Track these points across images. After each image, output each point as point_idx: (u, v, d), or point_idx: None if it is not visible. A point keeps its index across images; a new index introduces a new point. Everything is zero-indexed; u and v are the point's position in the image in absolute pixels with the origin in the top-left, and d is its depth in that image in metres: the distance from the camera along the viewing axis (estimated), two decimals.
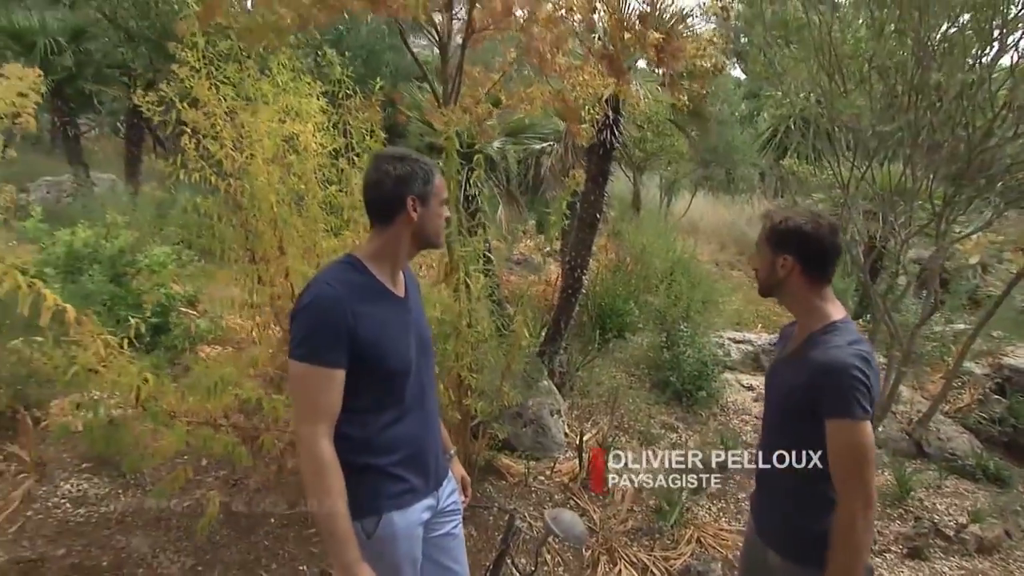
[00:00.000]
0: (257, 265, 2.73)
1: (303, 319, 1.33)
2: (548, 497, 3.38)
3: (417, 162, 1.43)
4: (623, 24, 2.45)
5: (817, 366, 1.34)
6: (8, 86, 2.64)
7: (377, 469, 1.40)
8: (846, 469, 1.31)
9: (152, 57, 7.28)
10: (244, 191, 2.64)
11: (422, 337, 1.53)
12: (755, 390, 5.15)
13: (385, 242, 1.43)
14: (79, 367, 2.06)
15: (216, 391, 2.18)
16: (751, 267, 1.58)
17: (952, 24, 3.76)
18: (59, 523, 2.62)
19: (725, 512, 3.52)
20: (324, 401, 1.31)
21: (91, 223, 4.89)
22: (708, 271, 7.18)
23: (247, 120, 2.62)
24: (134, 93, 2.74)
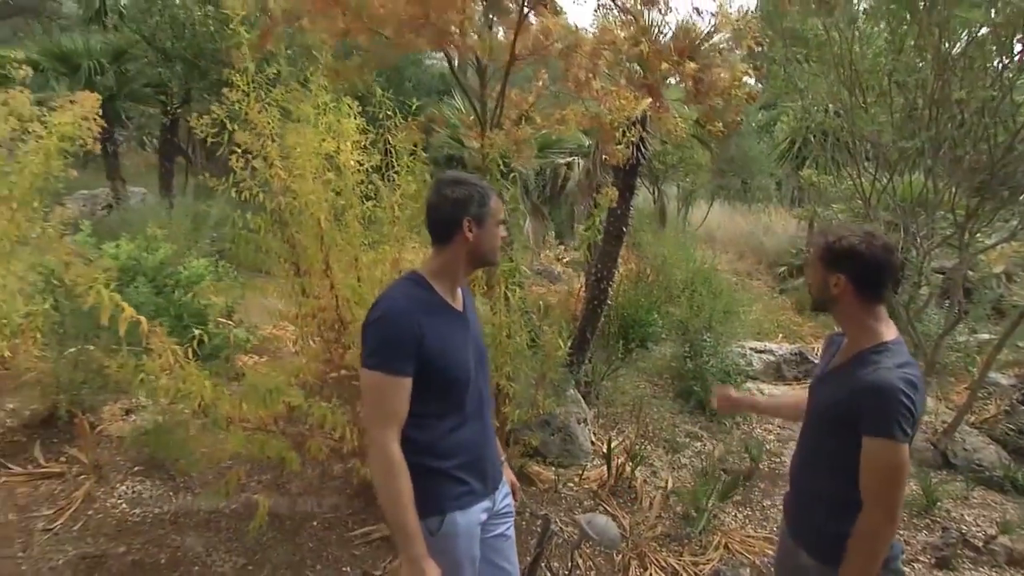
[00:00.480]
0: (302, 278, 2.88)
1: (375, 331, 1.45)
2: (578, 503, 3.47)
3: (474, 185, 1.54)
4: (661, 55, 2.57)
5: (864, 385, 1.38)
6: (76, 112, 2.83)
7: (441, 471, 1.51)
8: (877, 486, 1.36)
9: (185, 75, 7.57)
10: (291, 207, 2.78)
11: (479, 349, 1.64)
12: None
13: (445, 260, 1.55)
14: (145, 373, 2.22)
15: (271, 398, 2.31)
16: (806, 282, 1.62)
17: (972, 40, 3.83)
18: (118, 522, 2.76)
19: (751, 519, 3.57)
20: (393, 407, 1.43)
21: (131, 236, 5.11)
22: (728, 281, 7.21)
23: (295, 140, 2.77)
24: (172, 111, 2.91)
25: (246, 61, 2.79)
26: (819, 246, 1.52)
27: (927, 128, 3.78)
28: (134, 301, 4.26)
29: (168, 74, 7.40)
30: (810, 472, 1.59)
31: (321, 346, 2.89)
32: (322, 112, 2.97)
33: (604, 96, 2.55)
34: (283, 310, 2.93)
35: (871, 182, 4.23)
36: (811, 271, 1.55)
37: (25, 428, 3.33)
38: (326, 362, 2.95)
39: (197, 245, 6.02)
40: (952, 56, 3.75)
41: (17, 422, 3.36)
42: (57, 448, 3.21)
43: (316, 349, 2.89)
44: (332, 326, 2.89)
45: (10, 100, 2.68)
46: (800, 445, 1.66)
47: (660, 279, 6.28)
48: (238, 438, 2.21)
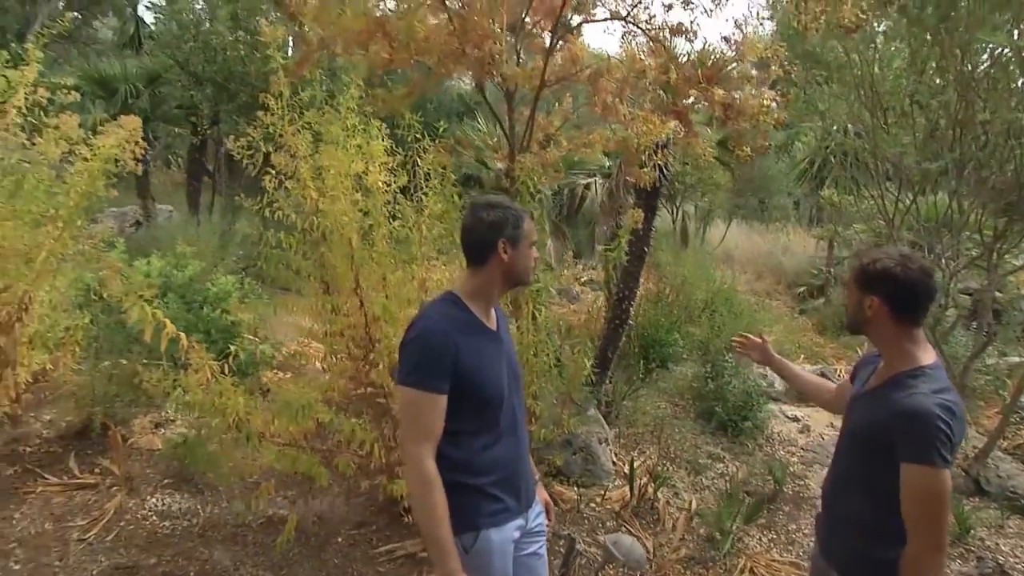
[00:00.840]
0: (331, 296, 2.94)
1: (413, 349, 1.49)
2: (600, 524, 3.45)
3: (508, 208, 1.59)
4: (690, 82, 2.63)
5: (900, 410, 1.37)
6: (120, 134, 2.96)
7: (475, 488, 1.53)
8: (919, 514, 1.34)
9: (215, 97, 7.82)
10: (322, 227, 2.86)
11: (513, 368, 1.67)
12: (800, 422, 5.12)
13: (481, 281, 1.59)
14: (182, 388, 2.28)
15: (303, 415, 2.35)
16: (842, 303, 1.66)
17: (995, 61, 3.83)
18: (148, 534, 2.81)
19: (776, 543, 3.51)
20: (429, 424, 1.47)
21: (161, 253, 5.25)
22: (747, 301, 7.18)
23: (328, 162, 2.86)
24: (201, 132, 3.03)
25: (282, 86, 2.91)
26: (854, 268, 1.52)
27: (951, 149, 3.77)
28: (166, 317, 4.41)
29: (199, 96, 7.67)
30: (843, 494, 1.58)
31: (349, 363, 2.94)
32: (351, 134, 3.07)
33: (631, 120, 2.60)
34: (311, 327, 2.98)
35: (893, 202, 4.22)
36: (846, 293, 1.55)
37: (61, 439, 3.41)
38: (352, 379, 3.00)
39: (224, 262, 6.16)
40: (975, 77, 3.75)
41: (53, 433, 3.45)
42: (91, 459, 3.28)
43: (344, 366, 2.94)
44: (360, 344, 2.95)
45: (61, 124, 2.80)
46: (834, 465, 1.65)
47: (680, 299, 6.27)
48: (271, 453, 2.26)
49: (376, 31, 2.57)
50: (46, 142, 2.88)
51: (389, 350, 2.77)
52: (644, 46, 2.70)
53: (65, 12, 11.94)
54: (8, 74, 2.95)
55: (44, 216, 2.98)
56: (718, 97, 2.60)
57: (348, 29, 2.56)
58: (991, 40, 3.67)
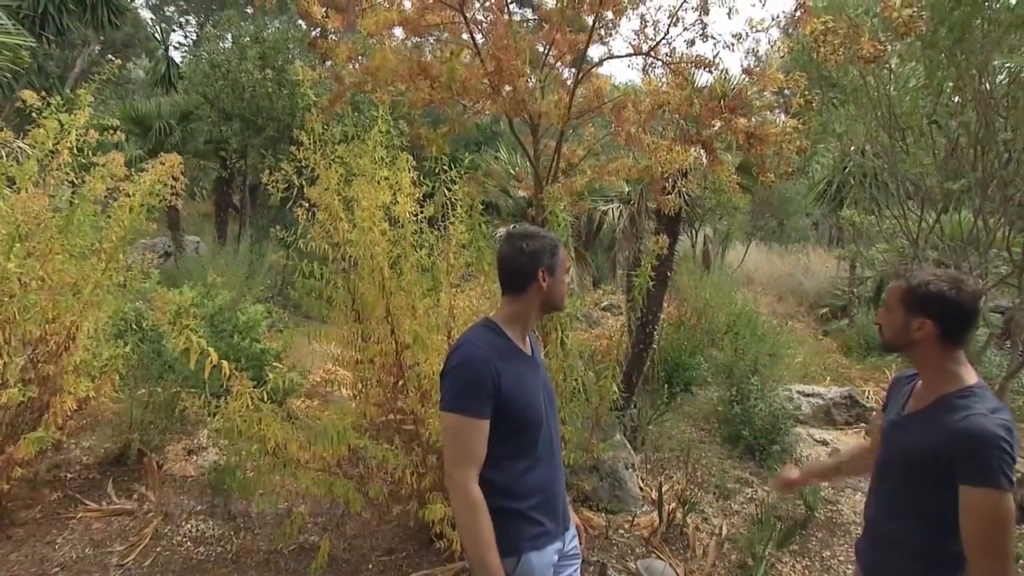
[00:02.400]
0: (362, 324, 3.02)
1: (455, 376, 1.54)
2: (630, 550, 3.41)
3: (545, 238, 1.65)
4: (714, 112, 2.70)
5: (959, 432, 1.34)
6: (160, 171, 3.10)
7: (516, 512, 1.56)
8: (983, 539, 1.31)
9: (243, 132, 8.11)
10: (354, 257, 2.95)
11: (549, 392, 1.72)
12: (829, 445, 5.03)
13: (519, 308, 1.64)
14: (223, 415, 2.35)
15: (339, 440, 2.40)
16: (875, 322, 1.58)
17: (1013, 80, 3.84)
18: (184, 560, 2.86)
19: (810, 570, 3.44)
20: (473, 448, 1.51)
21: (192, 283, 5.41)
22: (770, 323, 7.12)
23: (358, 194, 2.96)
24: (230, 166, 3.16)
25: (315, 122, 3.04)
26: (901, 288, 1.49)
27: (973, 168, 3.77)
28: None
29: (228, 131, 7.97)
30: (894, 519, 1.54)
31: (379, 390, 3.00)
32: (380, 166, 3.18)
33: (654, 150, 2.67)
34: (341, 354, 3.06)
35: (916, 222, 4.20)
36: (887, 312, 1.52)
37: (99, 465, 3.50)
38: (382, 406, 3.06)
39: (252, 291, 6.32)
40: (994, 97, 3.76)
41: (92, 459, 3.54)
42: (127, 485, 3.36)
43: (375, 393, 3.00)
44: (391, 371, 3.01)
45: (108, 163, 2.95)
46: (878, 491, 1.61)
47: (702, 322, 6.25)
48: (309, 478, 2.30)
49: (419, 73, 2.71)
50: (94, 180, 3.03)
51: (419, 377, 2.82)
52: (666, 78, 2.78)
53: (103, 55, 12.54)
54: (62, 118, 3.13)
55: (90, 249, 3.11)
56: (740, 126, 2.66)
57: (391, 70, 2.69)
58: (1008, 61, 3.70)
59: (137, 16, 14.51)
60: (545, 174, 2.83)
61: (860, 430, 5.32)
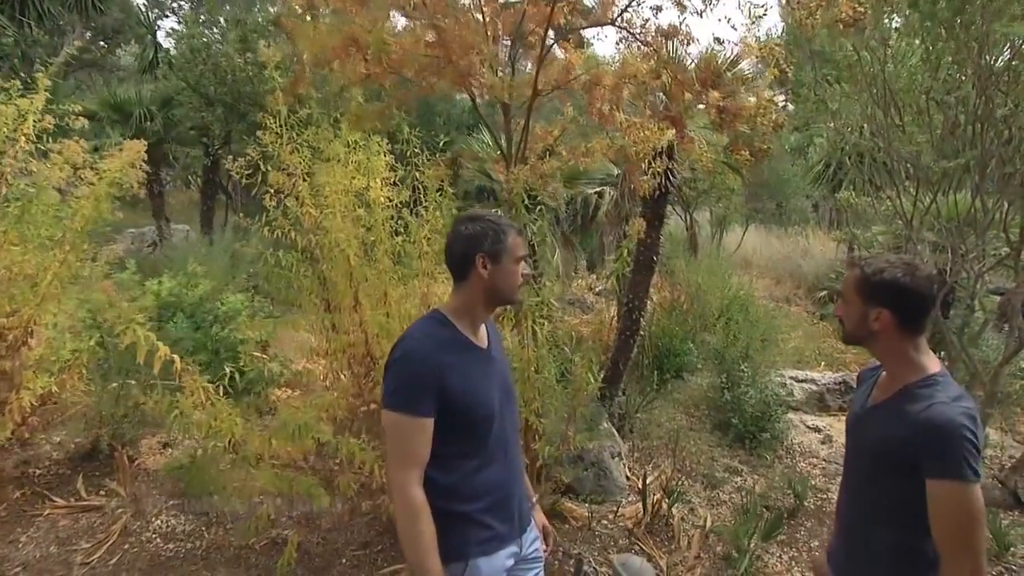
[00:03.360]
0: (332, 314, 2.92)
1: (395, 372, 1.44)
2: (612, 542, 3.34)
3: (489, 222, 1.53)
4: (684, 85, 2.56)
5: (922, 422, 1.28)
6: (123, 159, 2.98)
7: (464, 515, 1.47)
8: (954, 535, 1.25)
9: (226, 118, 7.95)
10: (322, 245, 2.85)
11: (506, 386, 1.61)
12: (822, 432, 4.95)
13: (464, 298, 1.54)
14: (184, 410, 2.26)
15: (300, 435, 2.32)
16: (835, 314, 1.51)
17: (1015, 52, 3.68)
18: (152, 557, 2.79)
19: (797, 561, 3.37)
20: (414, 448, 1.41)
21: (173, 273, 5.31)
22: (765, 307, 7.01)
23: (325, 180, 2.85)
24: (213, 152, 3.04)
25: (280, 105, 2.91)
26: (856, 278, 1.42)
27: (971, 146, 3.63)
28: (174, 336, 4.44)
29: (210, 117, 7.81)
30: (866, 522, 1.45)
31: (351, 381, 2.91)
32: (352, 150, 3.06)
33: (628, 128, 2.53)
34: (314, 345, 2.97)
35: (912, 202, 4.06)
36: (844, 304, 1.45)
37: (70, 461, 3.43)
38: (356, 396, 2.97)
39: (235, 281, 6.21)
40: (995, 71, 3.61)
41: (63, 455, 3.47)
42: (98, 481, 3.29)
43: (345, 384, 2.91)
44: (362, 361, 2.92)
45: (64, 150, 2.84)
46: (848, 491, 1.53)
47: (695, 307, 6.14)
48: (267, 475, 2.22)
49: (349, 45, 2.55)
50: (50, 167, 2.91)
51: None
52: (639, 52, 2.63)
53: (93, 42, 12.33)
54: (20, 103, 3.01)
55: (51, 240, 3.01)
56: (712, 100, 2.52)
57: (320, 44, 2.54)
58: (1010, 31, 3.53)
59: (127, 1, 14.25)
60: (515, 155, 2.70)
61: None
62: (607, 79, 2.43)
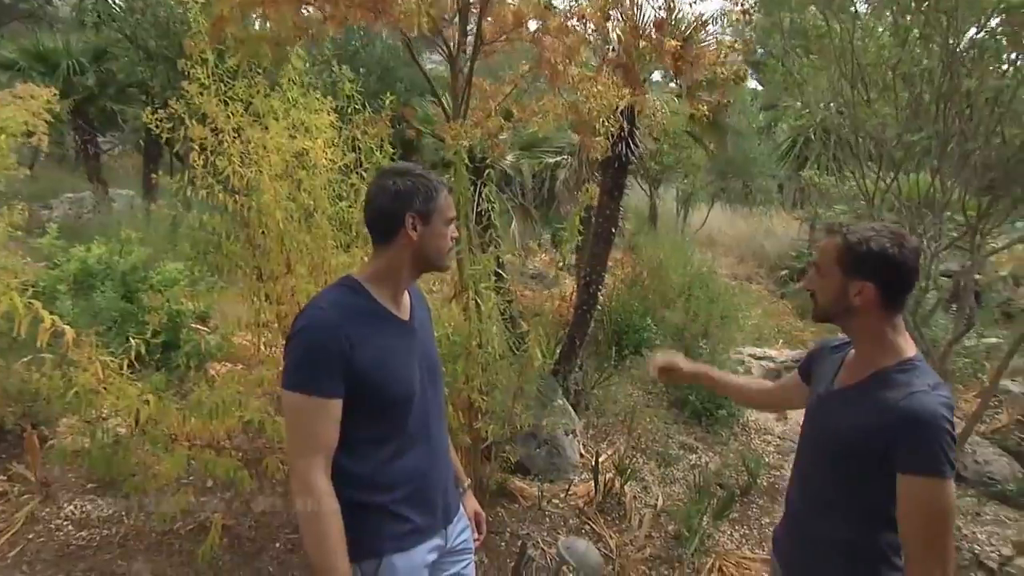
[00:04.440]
0: (264, 283, 2.69)
1: (296, 345, 1.26)
2: (563, 521, 3.26)
3: (420, 177, 1.35)
4: (638, 32, 2.37)
5: (901, 412, 1.17)
6: (20, 106, 2.64)
7: (377, 507, 1.30)
8: (926, 533, 1.16)
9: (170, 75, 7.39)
10: (251, 208, 2.60)
11: (429, 363, 1.44)
12: None
13: (385, 263, 1.35)
14: (79, 388, 2.02)
15: (219, 413, 2.11)
16: (805, 287, 1.35)
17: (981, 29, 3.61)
18: (60, 546, 2.56)
19: (748, 539, 3.36)
20: (319, 433, 1.23)
21: (106, 239, 4.93)
22: (727, 285, 7.00)
23: (255, 136, 2.59)
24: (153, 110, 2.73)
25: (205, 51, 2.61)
26: (837, 247, 1.26)
27: (934, 122, 3.57)
28: (99, 307, 4.12)
29: (150, 73, 7.22)
30: (816, 512, 1.35)
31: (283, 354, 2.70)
32: (290, 107, 2.79)
33: (581, 83, 2.34)
34: (249, 317, 2.74)
35: (874, 181, 4.01)
36: (819, 276, 1.29)
37: None
38: None
39: (176, 249, 5.84)
40: (961, 46, 3.54)
41: None
42: (3, 464, 3.01)
43: (278, 358, 2.69)
44: None
45: None
46: (800, 477, 1.42)
47: (656, 283, 6.07)
48: (177, 458, 2.01)
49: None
50: None
51: None
52: None
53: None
54: None
55: None
56: (668, 46, 2.34)
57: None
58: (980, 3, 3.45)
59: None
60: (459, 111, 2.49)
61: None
62: (555, 21, 2.21)
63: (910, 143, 3.84)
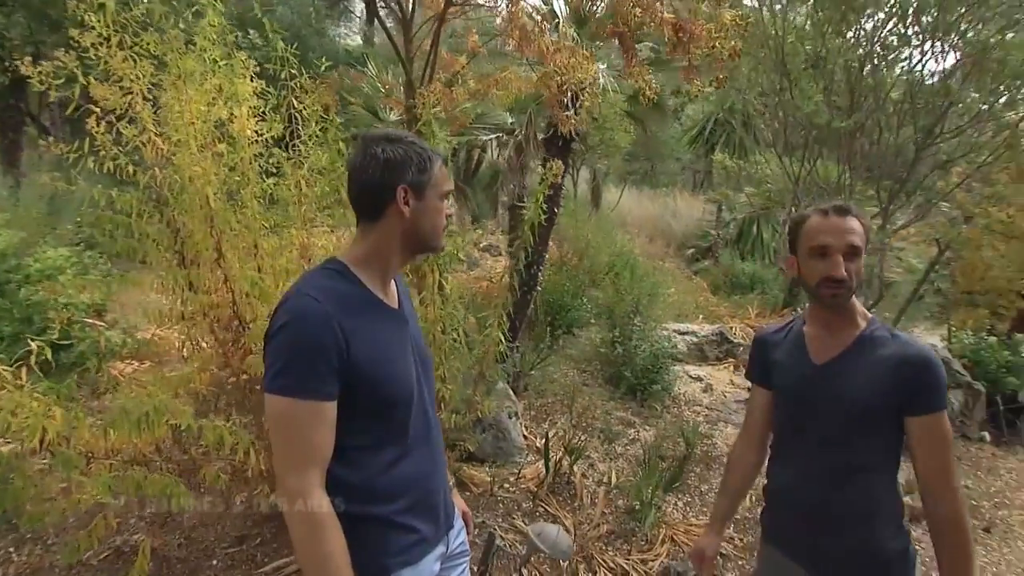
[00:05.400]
0: (188, 269, 2.36)
1: (282, 342, 1.07)
2: (516, 506, 3.22)
3: (413, 145, 1.18)
4: None
5: (911, 360, 1.26)
6: None
7: (381, 520, 1.16)
8: (943, 465, 1.26)
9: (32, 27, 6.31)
10: (171, 184, 2.26)
11: (422, 354, 1.30)
12: (703, 381, 5.24)
13: (373, 243, 1.19)
14: None
15: (150, 422, 1.82)
16: (837, 276, 1.30)
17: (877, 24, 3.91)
18: None
19: (691, 507, 3.51)
20: (314, 443, 1.07)
21: None
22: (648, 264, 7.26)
23: (175, 99, 2.24)
24: (11, 69, 2.26)
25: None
26: (867, 229, 1.35)
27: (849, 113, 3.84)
28: None
29: (4, 23, 6.06)
30: (834, 486, 1.35)
31: (215, 349, 2.40)
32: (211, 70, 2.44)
33: (555, 53, 2.22)
34: (165, 309, 2.40)
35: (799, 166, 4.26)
36: (858, 258, 1.31)
37: None
38: (222, 367, 2.47)
39: (55, 232, 5.07)
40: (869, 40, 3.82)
41: None
42: None
43: (209, 353, 2.40)
44: (228, 325, 2.42)
45: None
46: (804, 457, 1.40)
47: (584, 263, 6.16)
48: (101, 481, 1.71)
49: None
50: None
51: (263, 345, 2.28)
52: None
53: None
54: None
55: None
56: (667, 19, 2.28)
57: None
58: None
59: None
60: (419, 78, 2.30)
61: (730, 365, 5.60)
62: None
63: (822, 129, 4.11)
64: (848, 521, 1.33)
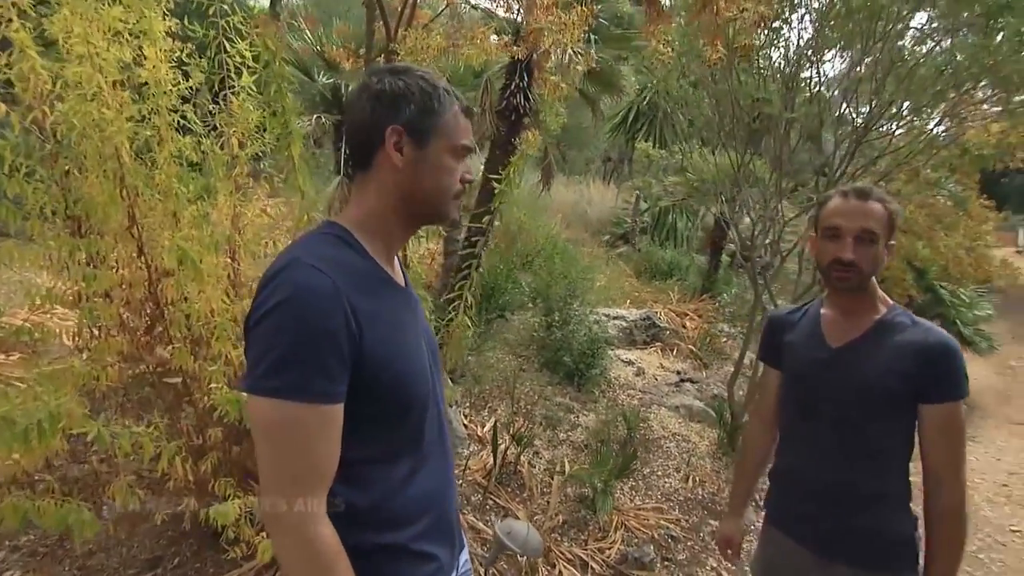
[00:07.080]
0: (87, 239, 1.92)
1: (278, 327, 0.80)
2: (466, 500, 3.06)
3: (420, 79, 0.92)
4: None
5: (931, 347, 1.24)
6: None
7: (392, 549, 0.93)
8: (956, 453, 1.25)
9: None
10: (65, 132, 1.82)
11: (431, 345, 1.08)
12: (634, 364, 5.33)
13: (367, 203, 0.94)
14: None
15: (42, 434, 1.44)
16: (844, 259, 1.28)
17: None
18: None
19: (636, 490, 3.52)
20: (318, 458, 0.83)
21: None
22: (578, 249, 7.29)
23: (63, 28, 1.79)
24: None
25: None
26: (888, 213, 1.29)
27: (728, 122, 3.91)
28: None
29: None
30: (857, 472, 1.33)
31: (125, 338, 1.99)
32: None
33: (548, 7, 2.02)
34: (53, 286, 1.94)
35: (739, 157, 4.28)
36: (875, 244, 1.28)
37: None
38: (128, 359, 2.06)
39: None
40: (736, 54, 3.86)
41: None
42: None
43: (117, 342, 1.97)
44: (142, 309, 2.02)
45: None
46: (821, 444, 1.36)
47: (517, 246, 6.04)
48: None
49: None
50: None
51: (188, 318, 1.91)
52: None
53: None
54: None
55: None
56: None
57: None
58: None
59: None
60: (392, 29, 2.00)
61: (657, 348, 5.73)
62: None
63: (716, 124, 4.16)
64: (858, 504, 1.32)
